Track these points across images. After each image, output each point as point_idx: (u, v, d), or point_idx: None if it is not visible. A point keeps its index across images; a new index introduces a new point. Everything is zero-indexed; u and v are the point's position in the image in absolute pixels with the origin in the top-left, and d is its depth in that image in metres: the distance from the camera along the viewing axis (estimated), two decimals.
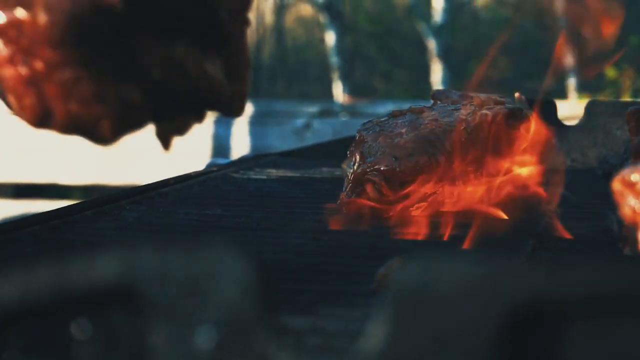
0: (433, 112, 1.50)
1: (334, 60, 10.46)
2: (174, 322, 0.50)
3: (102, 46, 0.82)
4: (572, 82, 11.97)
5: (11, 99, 0.85)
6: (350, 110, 4.80)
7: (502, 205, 1.51)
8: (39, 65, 0.82)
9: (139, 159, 4.93)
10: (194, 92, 0.88)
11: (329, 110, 4.68)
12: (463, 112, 1.48)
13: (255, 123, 4.62)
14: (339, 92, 10.16)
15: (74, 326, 0.52)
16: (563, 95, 11.60)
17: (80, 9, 0.80)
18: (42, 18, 0.80)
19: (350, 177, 1.42)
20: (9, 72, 0.83)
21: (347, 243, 1.23)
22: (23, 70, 0.82)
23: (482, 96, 1.59)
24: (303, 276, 1.05)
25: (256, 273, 0.51)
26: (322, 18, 10.60)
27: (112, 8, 0.80)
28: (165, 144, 0.93)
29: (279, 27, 12.30)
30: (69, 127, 0.85)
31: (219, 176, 1.77)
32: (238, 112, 0.95)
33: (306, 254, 1.18)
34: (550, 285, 0.49)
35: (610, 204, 1.06)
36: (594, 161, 2.04)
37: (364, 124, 1.49)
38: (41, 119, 0.85)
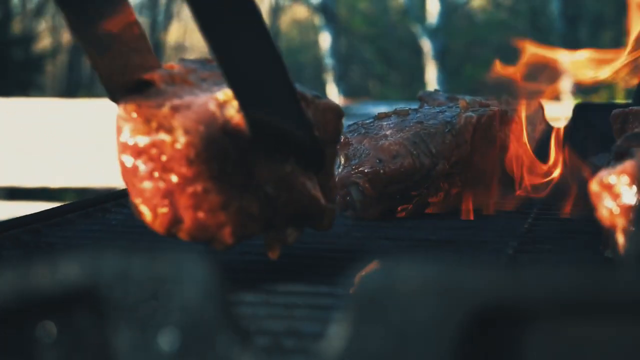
0: (418, 115, 1.50)
1: (328, 62, 10.48)
2: (137, 325, 0.50)
3: (228, 163, 0.95)
4: (567, 84, 12.00)
5: (145, 209, 0.98)
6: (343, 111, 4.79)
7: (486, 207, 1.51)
8: (174, 179, 0.95)
9: None
10: (297, 207, 1.02)
11: None
12: (448, 115, 1.48)
13: None
14: (333, 93, 10.18)
15: (38, 328, 0.52)
16: (558, 96, 11.62)
17: (212, 132, 0.94)
18: (182, 139, 0.93)
19: (335, 179, 1.42)
20: (148, 185, 0.96)
21: (331, 245, 1.23)
22: (160, 184, 0.96)
23: (467, 98, 1.59)
24: (282, 276, 1.05)
25: (218, 275, 0.51)
26: (317, 20, 10.61)
27: (238, 132, 0.94)
28: (273, 251, 1.06)
29: (274, 29, 12.30)
30: (196, 233, 0.98)
31: None
32: (327, 227, 1.09)
33: (287, 255, 1.18)
34: (509, 287, 0.49)
35: None
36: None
37: (349, 126, 1.49)
38: (171, 226, 0.98)
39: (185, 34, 12.36)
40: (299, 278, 1.05)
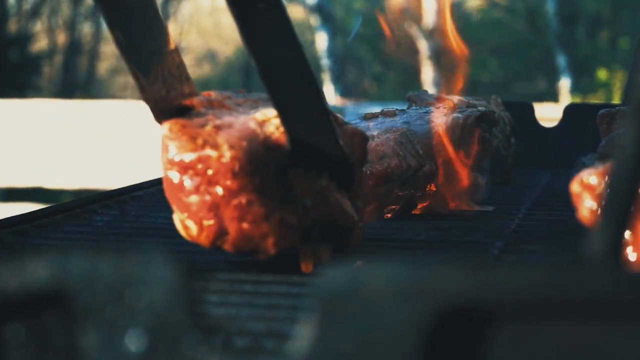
0: (405, 115, 1.50)
1: (325, 62, 10.48)
2: (105, 326, 0.51)
3: (269, 176, 1.01)
4: (565, 84, 12.00)
5: (191, 223, 1.04)
6: (337, 112, 4.80)
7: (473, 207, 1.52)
8: (220, 192, 1.01)
9: (121, 164, 4.93)
10: (331, 220, 1.07)
11: None
12: (435, 115, 1.49)
13: None
14: (330, 94, 10.18)
15: (5, 330, 0.52)
16: (555, 97, 11.63)
17: (255, 147, 1.00)
18: (227, 154, 1.00)
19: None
20: (194, 199, 1.02)
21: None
22: (207, 197, 1.01)
23: (455, 99, 1.59)
24: (267, 277, 1.06)
25: (186, 276, 0.51)
26: (313, 21, 10.61)
27: (277, 147, 1.01)
28: (306, 265, 1.09)
29: None
30: (241, 243, 1.04)
31: None
32: (358, 244, 1.15)
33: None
34: (475, 288, 0.49)
35: None
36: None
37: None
38: (217, 238, 1.04)
39: (181, 34, 12.36)
40: (283, 279, 1.05)
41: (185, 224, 1.05)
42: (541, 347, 0.50)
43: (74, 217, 1.40)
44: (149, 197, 1.59)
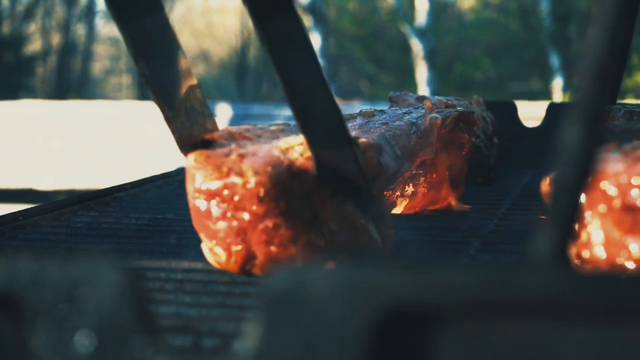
0: (384, 116, 1.50)
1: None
2: (53, 327, 0.51)
3: (295, 200, 1.04)
4: (558, 83, 12.02)
5: (220, 250, 1.06)
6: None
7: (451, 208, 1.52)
8: (246, 217, 1.03)
9: (117, 163, 4.93)
10: (357, 245, 1.09)
11: None
12: (413, 116, 1.49)
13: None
14: None
15: None
16: (549, 96, 11.64)
17: (279, 172, 1.03)
18: (252, 180, 1.02)
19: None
20: (222, 225, 1.04)
21: None
22: (234, 222, 1.04)
23: (434, 99, 1.60)
24: (235, 278, 1.06)
25: (133, 278, 0.52)
26: (306, 21, 10.61)
27: (302, 173, 1.04)
28: None
29: None
30: (269, 266, 1.05)
31: (176, 181, 1.77)
32: None
33: None
34: (418, 290, 0.50)
35: None
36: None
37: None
38: (245, 263, 1.06)
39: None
40: (257, 280, 1.06)
41: (214, 251, 1.07)
42: (484, 347, 0.51)
43: (53, 219, 1.40)
44: (130, 198, 1.59)
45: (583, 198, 0.94)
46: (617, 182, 0.92)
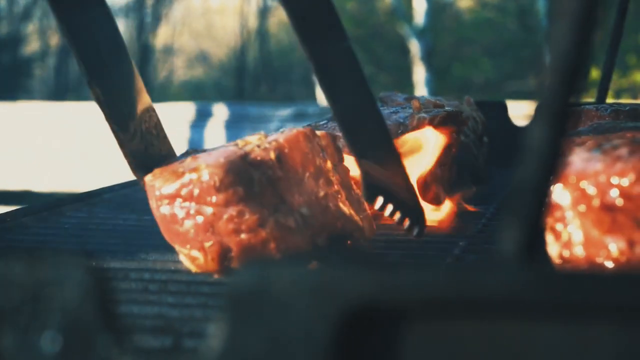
0: None
1: None
2: (19, 327, 0.51)
3: (254, 185, 1.05)
4: None
5: (196, 252, 1.07)
6: (325, 112, 4.81)
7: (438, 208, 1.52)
8: (209, 210, 1.05)
9: (115, 165, 4.93)
10: (334, 227, 1.11)
11: (303, 113, 4.69)
12: (401, 116, 1.49)
13: (230, 127, 4.63)
14: (322, 94, 10.17)
15: None
16: None
17: (233, 161, 1.04)
18: (205, 171, 1.04)
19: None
20: (189, 224, 1.06)
21: None
22: (199, 218, 1.05)
23: (422, 99, 1.60)
24: (218, 279, 1.06)
25: (98, 280, 0.52)
26: None
27: (261, 162, 1.05)
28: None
29: (262, 30, 12.30)
30: (245, 255, 1.07)
31: None
32: (367, 241, 1.20)
33: None
34: (383, 288, 0.50)
35: None
36: None
37: (303, 127, 1.50)
38: (223, 258, 1.07)
39: (173, 36, 12.36)
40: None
41: (191, 255, 1.09)
42: (449, 345, 0.51)
43: (41, 220, 1.41)
44: (120, 199, 1.60)
45: (565, 198, 0.94)
46: (596, 182, 0.92)
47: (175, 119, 4.84)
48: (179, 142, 4.61)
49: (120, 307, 0.96)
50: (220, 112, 4.78)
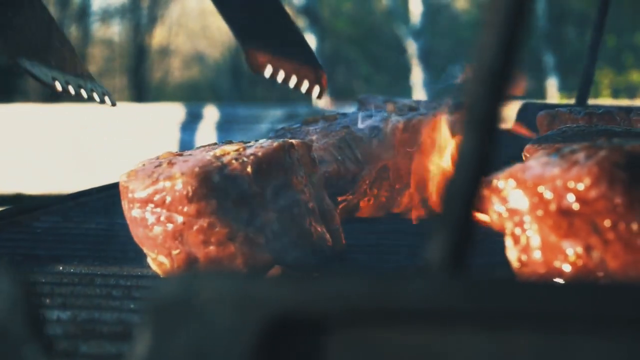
0: (346, 119, 1.51)
1: None
2: None
3: (228, 199, 1.05)
4: (553, 83, 12.01)
5: (163, 258, 1.07)
6: (317, 113, 4.81)
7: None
8: (180, 219, 1.05)
9: (107, 167, 4.92)
10: (305, 242, 1.11)
11: (294, 115, 4.69)
12: (376, 119, 1.49)
13: (220, 129, 4.63)
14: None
15: None
16: (544, 95, 11.64)
17: (208, 171, 1.04)
18: (179, 181, 1.04)
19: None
20: (158, 229, 1.06)
21: None
22: (169, 226, 1.06)
23: (400, 103, 1.60)
24: None
25: (26, 290, 0.52)
26: (301, 22, 10.61)
27: (236, 176, 1.05)
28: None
29: None
30: (211, 267, 1.05)
31: None
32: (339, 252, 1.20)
33: None
34: (304, 298, 0.50)
35: None
36: None
37: (276, 131, 1.50)
38: (189, 266, 1.07)
39: (169, 37, 12.34)
40: None
41: (158, 260, 1.09)
42: (371, 353, 0.51)
43: (15, 224, 1.41)
44: (95, 202, 1.60)
45: (523, 202, 0.94)
46: (553, 186, 0.92)
47: (166, 119, 4.84)
48: (168, 145, 4.61)
49: (82, 312, 0.97)
50: (212, 113, 4.78)
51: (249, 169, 1.06)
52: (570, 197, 0.90)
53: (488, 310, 0.50)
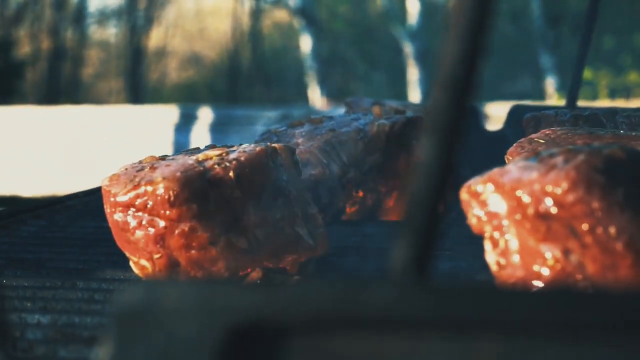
0: (331, 122, 1.51)
1: (310, 64, 10.48)
2: None
3: (209, 203, 1.05)
4: (550, 83, 12.01)
5: (145, 262, 1.07)
6: (312, 114, 4.81)
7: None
8: (162, 224, 1.05)
9: (105, 168, 4.92)
10: (287, 247, 1.11)
11: (289, 116, 4.69)
12: (361, 122, 1.49)
13: (215, 130, 4.63)
14: (316, 95, 10.17)
15: None
16: (542, 96, 11.64)
17: (190, 176, 1.05)
18: (161, 185, 1.05)
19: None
20: (140, 233, 1.06)
21: None
22: (150, 230, 1.06)
23: (385, 105, 1.60)
24: None
25: None
26: (297, 23, 10.61)
27: (219, 180, 1.05)
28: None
29: (255, 32, 12.29)
30: (192, 271, 1.06)
31: None
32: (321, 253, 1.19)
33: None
34: (264, 306, 0.50)
35: None
36: None
37: (262, 134, 1.50)
38: (171, 270, 1.07)
39: (166, 38, 12.34)
40: None
41: (140, 264, 1.09)
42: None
43: (2, 228, 1.41)
44: (82, 206, 1.60)
45: (501, 206, 0.94)
46: (531, 190, 0.92)
47: (163, 121, 4.84)
48: (163, 146, 4.61)
49: (62, 316, 0.97)
50: (208, 114, 4.78)
51: (231, 174, 1.06)
52: (548, 201, 0.90)
53: (449, 317, 0.50)
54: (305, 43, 10.54)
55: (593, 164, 0.90)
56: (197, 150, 1.17)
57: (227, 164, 1.07)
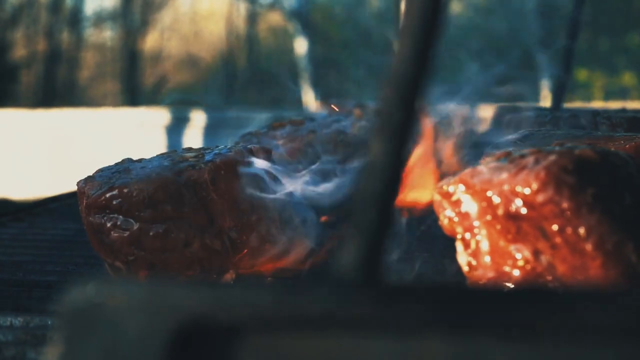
0: (313, 123, 1.51)
1: (304, 67, 10.48)
2: None
3: (184, 204, 1.05)
4: (546, 85, 12.01)
5: (120, 264, 1.07)
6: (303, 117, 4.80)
7: None
8: (136, 225, 1.05)
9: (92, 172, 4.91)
10: (262, 249, 1.11)
11: (282, 118, 4.69)
12: (342, 124, 1.49)
13: (207, 133, 4.63)
14: (310, 98, 10.18)
15: None
16: (537, 97, 11.64)
17: (164, 177, 1.05)
18: (135, 186, 1.05)
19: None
20: (115, 235, 1.06)
21: None
22: (125, 232, 1.06)
23: (367, 107, 1.60)
24: None
25: None
26: (291, 26, 10.62)
27: (196, 181, 1.05)
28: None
29: (251, 35, 12.29)
30: (168, 273, 1.06)
31: None
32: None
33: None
34: (213, 305, 0.50)
35: None
36: None
37: (243, 135, 1.50)
38: (145, 271, 1.07)
39: (162, 41, 12.33)
40: None
41: (115, 267, 1.09)
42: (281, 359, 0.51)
43: None
44: (64, 208, 1.60)
45: (472, 207, 0.94)
46: (501, 191, 0.92)
47: (158, 124, 4.84)
48: (155, 148, 4.61)
49: (35, 318, 0.97)
50: (201, 117, 4.79)
51: (206, 176, 1.06)
52: (518, 202, 0.90)
53: (395, 317, 0.50)
54: (300, 46, 10.55)
55: (563, 165, 0.90)
56: (174, 152, 1.17)
57: (202, 165, 1.07)
